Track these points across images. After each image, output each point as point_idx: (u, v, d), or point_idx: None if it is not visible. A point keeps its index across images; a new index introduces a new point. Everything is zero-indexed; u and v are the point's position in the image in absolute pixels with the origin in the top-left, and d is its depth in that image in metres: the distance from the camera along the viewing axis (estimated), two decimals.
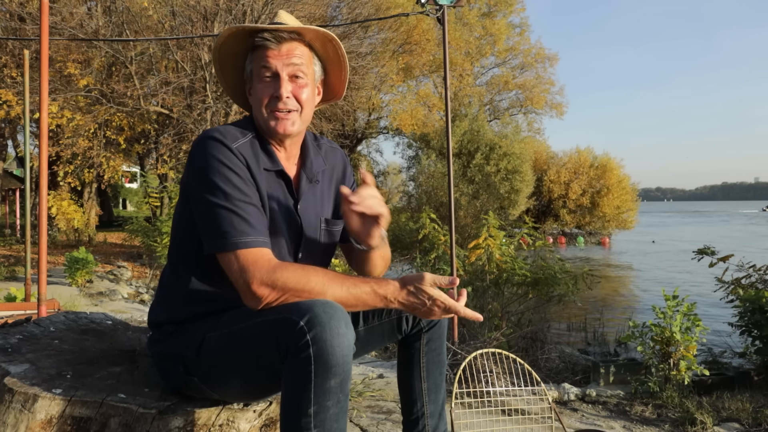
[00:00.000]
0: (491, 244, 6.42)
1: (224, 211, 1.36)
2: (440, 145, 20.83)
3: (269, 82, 1.47)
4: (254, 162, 1.45)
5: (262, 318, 1.32)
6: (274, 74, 1.47)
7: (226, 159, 1.39)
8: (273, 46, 1.46)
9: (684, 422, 3.22)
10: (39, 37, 3.92)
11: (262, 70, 1.47)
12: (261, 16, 13.36)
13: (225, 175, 1.38)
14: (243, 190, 1.39)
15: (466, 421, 2.87)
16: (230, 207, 1.36)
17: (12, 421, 1.40)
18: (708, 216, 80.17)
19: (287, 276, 1.32)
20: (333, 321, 1.23)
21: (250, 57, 1.51)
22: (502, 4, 27.10)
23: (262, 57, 1.47)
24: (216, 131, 1.44)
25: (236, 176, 1.39)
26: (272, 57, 1.46)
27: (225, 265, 1.37)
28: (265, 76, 1.47)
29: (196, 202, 1.41)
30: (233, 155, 1.41)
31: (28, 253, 5.71)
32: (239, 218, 1.36)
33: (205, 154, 1.41)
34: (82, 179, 17.57)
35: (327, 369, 1.22)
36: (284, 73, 1.47)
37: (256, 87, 1.49)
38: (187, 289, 1.49)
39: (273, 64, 1.46)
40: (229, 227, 1.35)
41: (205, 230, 1.39)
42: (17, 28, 13.92)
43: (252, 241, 1.35)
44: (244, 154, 1.43)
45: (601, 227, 30.40)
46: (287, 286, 1.31)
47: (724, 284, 5.02)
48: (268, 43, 1.46)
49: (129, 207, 37.72)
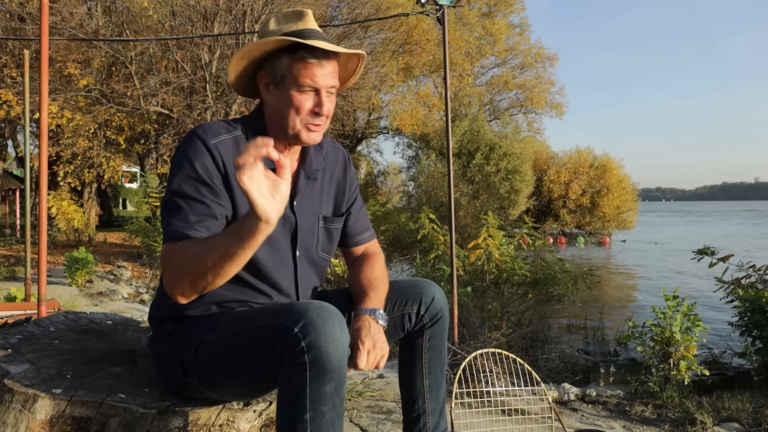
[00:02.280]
0: (491, 244, 6.42)
1: (171, 205, 1.40)
2: (440, 145, 20.83)
3: (308, 95, 1.47)
4: (233, 158, 1.42)
5: (257, 323, 1.33)
6: (316, 90, 1.47)
7: (195, 155, 1.41)
8: (318, 62, 1.46)
9: (684, 422, 3.22)
10: (39, 37, 3.92)
11: (306, 84, 1.46)
12: (261, 17, 13.36)
13: (185, 171, 1.41)
14: (196, 187, 1.40)
15: (466, 421, 2.87)
16: (176, 201, 1.39)
17: (12, 421, 1.40)
18: (709, 216, 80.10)
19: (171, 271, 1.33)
20: (327, 326, 1.23)
21: (286, 62, 1.46)
22: (502, 4, 27.10)
23: (307, 70, 1.46)
24: (200, 128, 1.46)
25: (195, 173, 1.40)
26: (318, 75, 1.46)
27: None
28: (305, 89, 1.47)
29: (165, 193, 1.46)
30: (205, 151, 1.42)
31: (28, 253, 5.71)
32: (179, 213, 1.38)
33: (181, 149, 1.45)
34: (82, 179, 17.56)
35: (322, 375, 1.22)
36: (324, 90, 1.48)
37: (294, 95, 1.47)
38: None
39: (318, 81, 1.46)
40: (168, 222, 1.38)
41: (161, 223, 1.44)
42: (17, 28, 13.91)
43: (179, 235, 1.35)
44: (222, 151, 1.44)
45: (601, 227, 30.39)
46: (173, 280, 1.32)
47: (724, 284, 5.02)
48: (315, 59, 1.46)
49: (129, 207, 37.70)
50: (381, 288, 1.61)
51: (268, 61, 1.49)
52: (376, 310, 1.52)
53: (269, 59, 1.49)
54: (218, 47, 13.62)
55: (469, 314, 5.76)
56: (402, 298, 1.66)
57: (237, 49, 13.66)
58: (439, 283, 6.04)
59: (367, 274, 1.64)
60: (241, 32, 13.19)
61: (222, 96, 14.31)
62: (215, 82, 14.14)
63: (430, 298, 1.66)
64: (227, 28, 13.50)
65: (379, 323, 1.50)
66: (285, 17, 1.52)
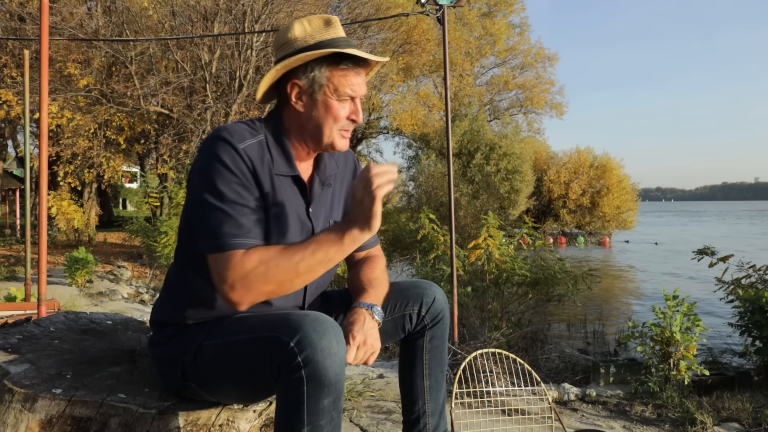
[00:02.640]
0: (491, 244, 6.41)
1: (217, 212, 1.36)
2: (440, 145, 20.83)
3: (345, 103, 1.48)
4: (260, 163, 1.43)
5: (253, 333, 1.32)
6: (352, 98, 1.49)
7: (229, 159, 1.38)
8: (357, 71, 1.48)
9: (684, 422, 3.22)
10: (39, 37, 3.92)
11: (345, 93, 1.47)
12: (261, 17, 13.36)
13: (223, 176, 1.37)
14: (239, 192, 1.38)
15: (466, 421, 2.87)
16: (222, 208, 1.36)
17: (12, 421, 1.40)
18: (707, 216, 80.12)
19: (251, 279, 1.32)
20: (324, 341, 1.22)
21: (324, 71, 1.46)
22: (502, 4, 27.10)
23: (347, 79, 1.47)
24: (225, 131, 1.43)
25: (234, 177, 1.38)
26: (357, 83, 1.48)
27: (210, 265, 1.37)
28: (344, 97, 1.48)
29: (193, 199, 1.41)
30: (238, 155, 1.39)
31: (28, 253, 5.71)
32: (229, 219, 1.35)
33: (210, 153, 1.40)
34: (82, 179, 17.56)
35: (320, 389, 1.22)
36: (359, 98, 1.50)
37: (332, 104, 1.47)
38: (192, 291, 1.49)
39: (356, 90, 1.48)
40: (217, 228, 1.35)
41: (198, 230, 1.40)
42: (17, 28, 13.92)
43: (238, 243, 1.34)
44: (251, 155, 1.41)
45: (601, 227, 30.38)
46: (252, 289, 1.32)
47: (724, 284, 5.02)
48: (356, 68, 1.48)
49: (129, 207, 37.71)
50: (381, 287, 1.60)
51: (302, 71, 1.47)
52: (373, 306, 1.52)
53: (303, 69, 1.47)
54: (218, 47, 13.62)
55: (469, 314, 5.76)
56: (403, 298, 1.65)
57: (237, 48, 13.66)
58: (439, 283, 6.05)
59: (367, 274, 1.63)
60: (241, 32, 13.19)
61: (222, 96, 14.31)
62: (215, 82, 14.15)
63: (431, 299, 1.66)
64: (227, 28, 13.50)
65: (374, 319, 1.50)
66: (311, 24, 1.49)
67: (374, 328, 1.48)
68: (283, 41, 1.50)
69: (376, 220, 1.33)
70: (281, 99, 1.53)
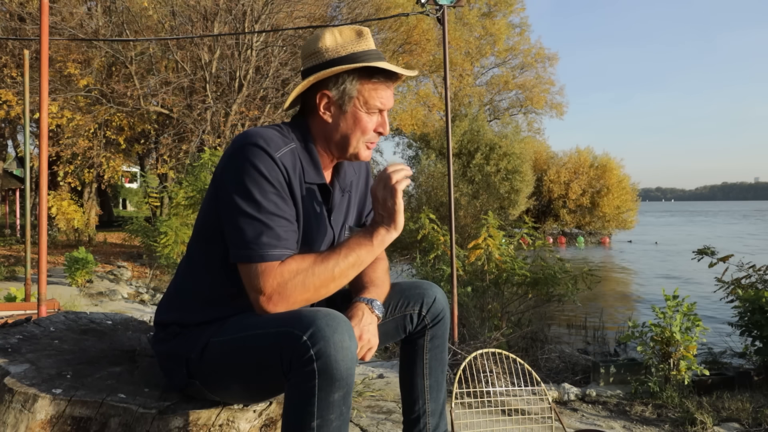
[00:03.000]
0: (491, 244, 6.41)
1: (255, 222, 1.36)
2: (440, 145, 20.84)
3: (373, 116, 1.50)
4: (293, 172, 1.43)
5: (265, 329, 1.32)
6: (381, 111, 1.50)
7: (267, 169, 1.38)
8: (387, 85, 1.50)
9: (684, 422, 3.22)
10: (39, 37, 3.92)
11: (375, 106, 1.48)
12: (261, 17, 13.36)
13: (262, 186, 1.37)
14: (276, 203, 1.38)
15: (466, 421, 2.87)
16: (261, 218, 1.36)
17: (12, 421, 1.40)
18: (706, 216, 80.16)
19: (290, 289, 1.35)
20: (336, 335, 1.23)
21: (355, 83, 1.47)
22: (502, 4, 27.13)
23: (378, 92, 1.48)
24: (260, 137, 1.41)
25: (272, 188, 1.38)
26: (386, 97, 1.50)
27: (243, 275, 1.37)
28: (373, 110, 1.49)
29: (228, 206, 1.39)
30: (275, 165, 1.39)
31: (28, 253, 5.71)
32: (268, 230, 1.36)
33: (246, 160, 1.38)
34: (82, 179, 17.57)
35: (331, 383, 1.22)
36: (387, 110, 1.51)
37: (361, 117, 1.48)
38: (207, 292, 1.48)
39: (386, 103, 1.50)
40: (255, 239, 1.35)
41: (233, 238, 1.39)
42: (17, 28, 13.92)
43: (276, 254, 1.36)
44: (286, 165, 1.41)
45: (601, 227, 30.40)
46: (291, 299, 1.35)
47: (724, 284, 5.02)
48: (386, 81, 1.49)
49: (129, 207, 37.71)
50: (382, 286, 1.61)
51: (332, 82, 1.47)
52: (373, 300, 1.52)
53: (333, 80, 1.46)
54: (218, 47, 13.63)
55: (469, 314, 5.76)
56: (404, 299, 1.66)
57: (237, 48, 13.66)
58: (439, 283, 6.05)
59: (369, 274, 1.63)
60: (241, 32, 13.19)
61: (222, 96, 14.32)
62: (215, 82, 14.15)
63: (432, 299, 1.66)
64: (227, 28, 13.51)
65: (374, 313, 1.50)
66: (343, 34, 1.49)
67: (372, 324, 1.48)
68: (312, 50, 1.49)
69: (400, 216, 1.42)
70: (308, 107, 1.52)
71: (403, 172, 1.41)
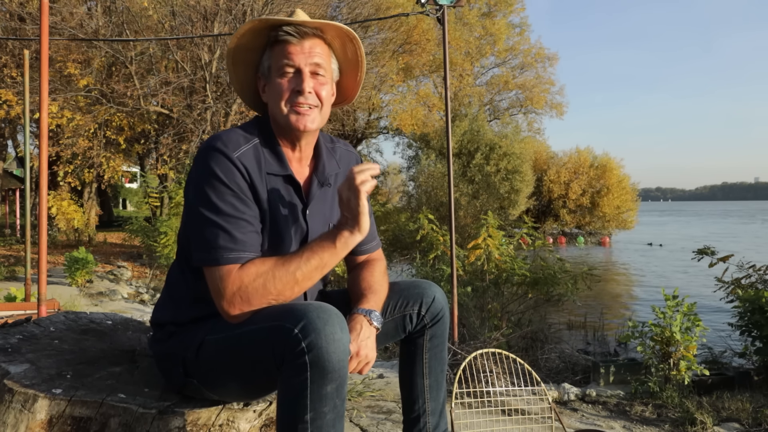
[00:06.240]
0: (490, 244, 6.41)
1: (212, 227, 1.37)
2: (440, 145, 20.83)
3: (290, 78, 1.46)
4: (256, 169, 1.43)
5: (258, 325, 1.32)
6: (296, 70, 1.46)
7: (223, 172, 1.38)
8: (295, 42, 1.45)
9: (684, 422, 3.22)
10: (39, 37, 3.92)
11: (284, 66, 1.45)
12: (261, 17, 13.35)
13: (218, 189, 1.38)
14: (235, 205, 1.38)
15: (466, 421, 2.87)
16: (218, 221, 1.37)
17: (12, 421, 1.40)
18: (704, 216, 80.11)
19: (251, 292, 1.34)
20: (328, 327, 1.23)
21: (268, 53, 1.49)
22: (502, 4, 27.10)
23: (284, 52, 1.45)
24: (219, 140, 1.42)
25: (229, 190, 1.38)
26: (295, 53, 1.45)
27: (207, 278, 1.38)
28: (286, 72, 1.45)
29: (189, 212, 1.42)
30: (233, 167, 1.39)
31: (28, 253, 5.71)
32: (225, 234, 1.36)
33: (205, 165, 1.40)
34: (82, 179, 17.57)
35: (323, 375, 1.22)
36: (306, 69, 1.46)
37: (276, 82, 1.46)
38: (194, 291, 1.49)
39: (295, 59, 1.45)
40: (213, 242, 1.36)
41: (193, 241, 1.41)
42: (17, 28, 13.92)
43: (233, 257, 1.36)
44: (246, 163, 1.41)
45: (601, 227, 30.39)
46: (252, 302, 1.34)
47: (724, 284, 5.02)
48: (290, 38, 1.45)
49: (129, 207, 37.70)
50: (380, 291, 1.60)
51: (260, 64, 1.51)
52: (372, 312, 1.51)
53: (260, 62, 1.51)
54: (218, 47, 13.62)
55: (469, 314, 5.76)
56: (403, 298, 1.65)
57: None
58: (438, 283, 6.05)
59: (367, 278, 1.63)
60: None
61: (222, 96, 14.31)
62: (215, 82, 14.14)
63: (431, 299, 1.66)
64: (227, 28, 13.49)
65: (373, 325, 1.49)
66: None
67: (370, 337, 1.48)
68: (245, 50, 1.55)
69: (364, 218, 1.37)
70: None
71: (369, 172, 1.36)
